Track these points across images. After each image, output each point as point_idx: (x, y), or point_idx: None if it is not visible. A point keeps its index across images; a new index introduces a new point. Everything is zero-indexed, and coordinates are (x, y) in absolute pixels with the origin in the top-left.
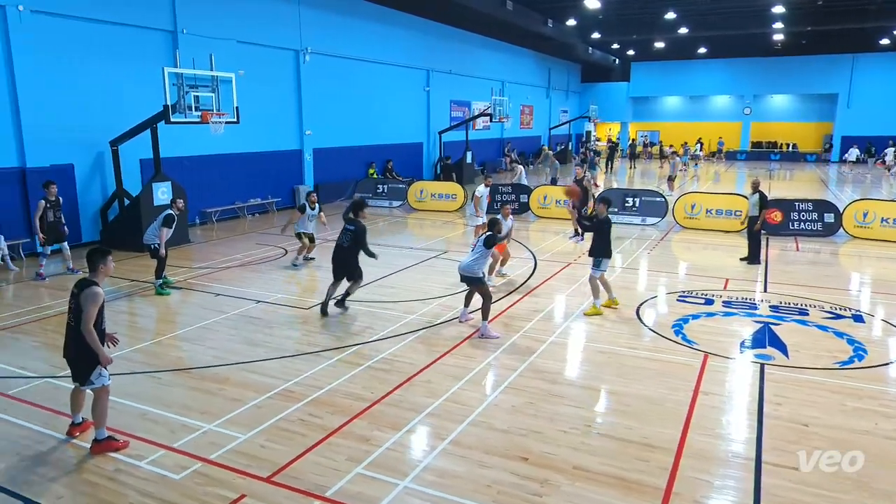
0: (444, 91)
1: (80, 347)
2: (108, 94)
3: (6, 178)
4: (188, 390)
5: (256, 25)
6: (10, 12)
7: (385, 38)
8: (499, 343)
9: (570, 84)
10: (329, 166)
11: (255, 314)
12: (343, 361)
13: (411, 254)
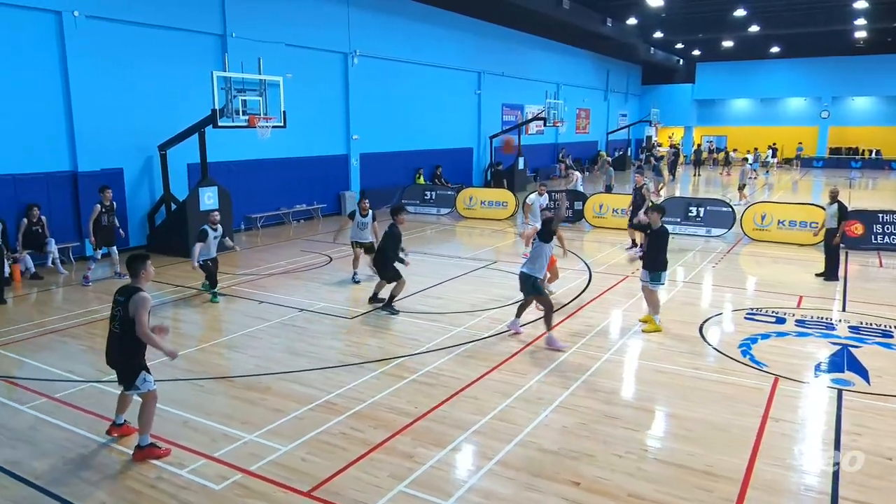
0: (496, 94)
1: (125, 353)
2: (158, 98)
3: (58, 182)
4: (230, 399)
5: (305, 28)
6: (66, 18)
7: (436, 39)
8: (550, 359)
9: (629, 86)
10: (376, 172)
11: (299, 323)
12: (387, 374)
13: (459, 264)
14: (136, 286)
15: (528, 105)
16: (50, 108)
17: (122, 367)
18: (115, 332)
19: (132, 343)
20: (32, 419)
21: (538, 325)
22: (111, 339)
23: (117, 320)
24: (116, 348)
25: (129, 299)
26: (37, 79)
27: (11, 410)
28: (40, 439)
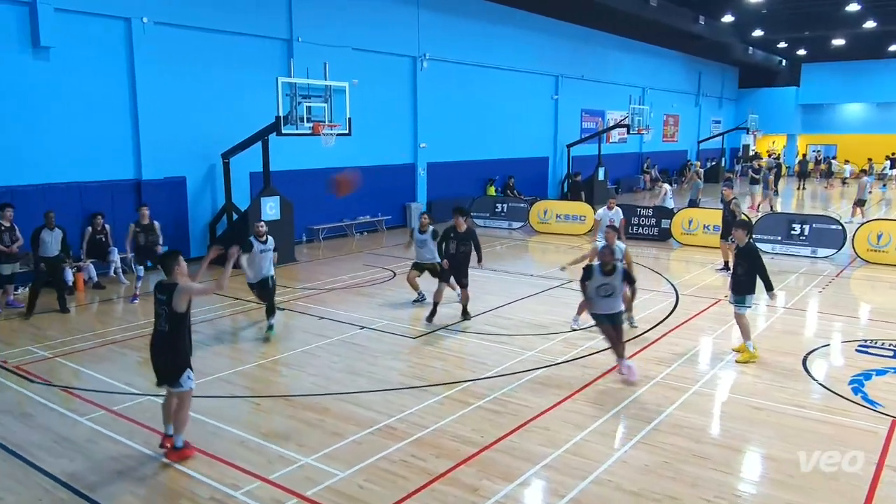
0: (575, 99)
1: (173, 350)
2: (222, 105)
3: (122, 190)
4: (287, 419)
5: (372, 31)
6: (135, 24)
7: (510, 41)
8: (630, 390)
9: (724, 90)
10: (444, 182)
11: (359, 341)
12: (451, 399)
13: (531, 282)
14: (174, 282)
15: (610, 111)
16: (117, 116)
17: (169, 365)
18: (163, 330)
19: (180, 340)
20: (90, 431)
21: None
22: (158, 339)
23: (163, 318)
24: (164, 346)
25: (171, 295)
26: (105, 86)
27: (70, 421)
28: (96, 452)
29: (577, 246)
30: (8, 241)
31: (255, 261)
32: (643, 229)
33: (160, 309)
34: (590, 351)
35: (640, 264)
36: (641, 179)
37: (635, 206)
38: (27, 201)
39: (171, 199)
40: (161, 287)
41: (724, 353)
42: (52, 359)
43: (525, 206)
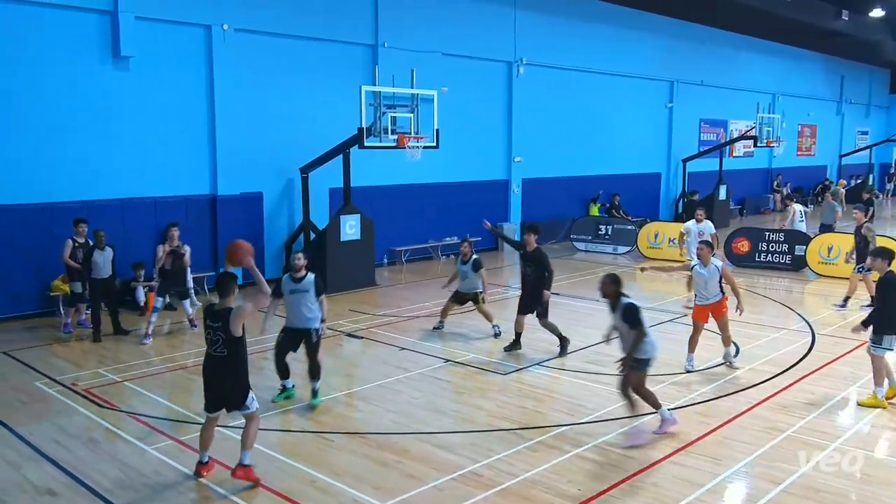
0: (692, 108)
1: (235, 374)
2: (302, 116)
3: (197, 205)
4: (361, 458)
5: (464, 35)
6: (216, 32)
7: (618, 43)
8: (754, 443)
9: (872, 96)
10: (540, 201)
11: (443, 375)
12: (545, 444)
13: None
14: (227, 307)
15: (734, 120)
16: (194, 128)
17: (232, 390)
18: (220, 355)
19: (241, 363)
20: (157, 462)
21: (762, 389)
22: (215, 365)
23: (219, 344)
24: (225, 372)
25: (226, 321)
26: (183, 97)
27: (138, 450)
28: (162, 484)
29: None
30: (81, 257)
31: (290, 306)
32: (773, 257)
33: (215, 336)
34: (707, 396)
35: (768, 297)
36: (771, 199)
37: (763, 230)
38: (101, 216)
39: (246, 216)
40: (213, 314)
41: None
42: (121, 383)
43: (633, 228)
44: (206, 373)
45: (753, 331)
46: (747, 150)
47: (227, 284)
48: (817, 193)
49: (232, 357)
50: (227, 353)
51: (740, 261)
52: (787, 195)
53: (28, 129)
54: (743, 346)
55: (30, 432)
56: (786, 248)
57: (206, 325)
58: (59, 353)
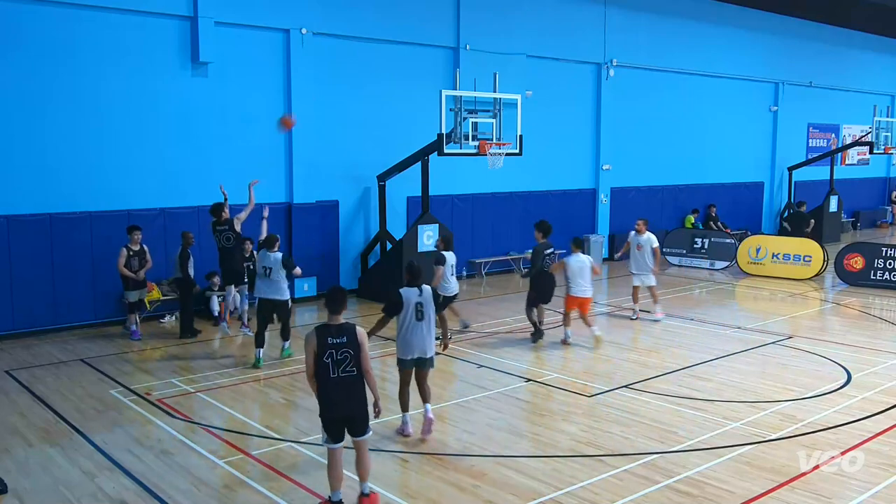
0: (800, 111)
1: (364, 395)
2: (380, 122)
3: (272, 214)
4: (436, 480)
5: (550, 36)
6: (294, 36)
7: (716, 41)
8: (869, 481)
9: None
10: (630, 211)
11: (524, 396)
12: (632, 473)
13: (739, 336)
14: (349, 323)
15: (847, 125)
16: (271, 134)
17: (361, 412)
18: (352, 374)
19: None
20: (228, 476)
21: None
22: (344, 386)
23: (349, 362)
24: (354, 392)
25: (353, 337)
26: (260, 103)
27: (209, 464)
28: (234, 500)
29: (800, 294)
30: (136, 265)
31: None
32: (891, 275)
33: (342, 354)
34: (814, 427)
35: (885, 319)
36: (888, 211)
37: (880, 245)
38: (177, 223)
39: (321, 225)
40: (332, 330)
41: None
42: (194, 394)
43: (732, 241)
44: (330, 396)
45: (869, 356)
46: (862, 157)
47: (343, 299)
48: None
49: (361, 376)
50: (356, 371)
51: (854, 279)
52: None
53: (108, 137)
54: (856, 374)
55: (104, 441)
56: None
57: (327, 343)
58: (134, 361)
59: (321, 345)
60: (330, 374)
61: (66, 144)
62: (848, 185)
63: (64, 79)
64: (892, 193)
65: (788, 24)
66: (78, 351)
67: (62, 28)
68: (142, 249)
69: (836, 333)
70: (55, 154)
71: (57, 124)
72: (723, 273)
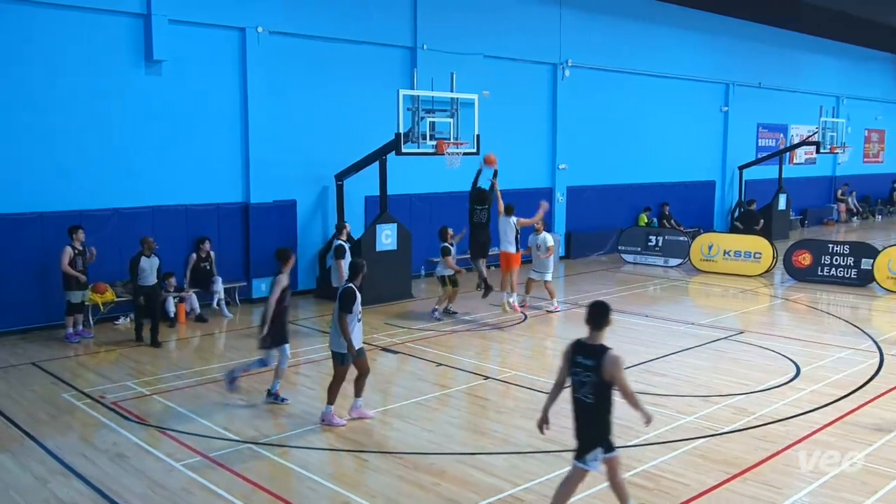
0: (749, 111)
1: (599, 422)
2: (338, 121)
3: (229, 214)
4: (396, 479)
5: (507, 36)
6: (249, 35)
7: (669, 42)
8: (818, 471)
9: None
10: (586, 210)
11: (483, 393)
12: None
13: (692, 332)
14: (601, 344)
15: (795, 125)
16: (227, 134)
17: (591, 433)
18: (586, 400)
19: (606, 412)
20: (186, 479)
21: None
22: (576, 410)
23: (587, 386)
24: (585, 419)
25: (600, 361)
26: (216, 102)
27: (166, 467)
28: (191, 503)
29: (750, 290)
30: (81, 265)
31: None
32: (837, 271)
33: (583, 376)
34: (765, 420)
35: (832, 314)
36: (834, 209)
37: (826, 242)
38: (131, 224)
39: (279, 224)
40: (585, 349)
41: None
42: (149, 396)
43: (685, 239)
44: (573, 417)
45: (817, 350)
46: (809, 156)
47: (604, 316)
48: (888, 202)
49: (599, 405)
50: (593, 399)
51: (802, 275)
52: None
53: (60, 135)
54: (804, 367)
55: (57, 446)
56: (851, 262)
57: (572, 361)
58: (87, 364)
59: (571, 360)
60: (573, 394)
61: (17, 143)
62: (796, 183)
63: (15, 76)
64: (838, 191)
65: (738, 26)
66: (29, 354)
67: (13, 25)
68: (84, 249)
69: (785, 328)
70: (4, 153)
71: (7, 122)
72: (676, 270)
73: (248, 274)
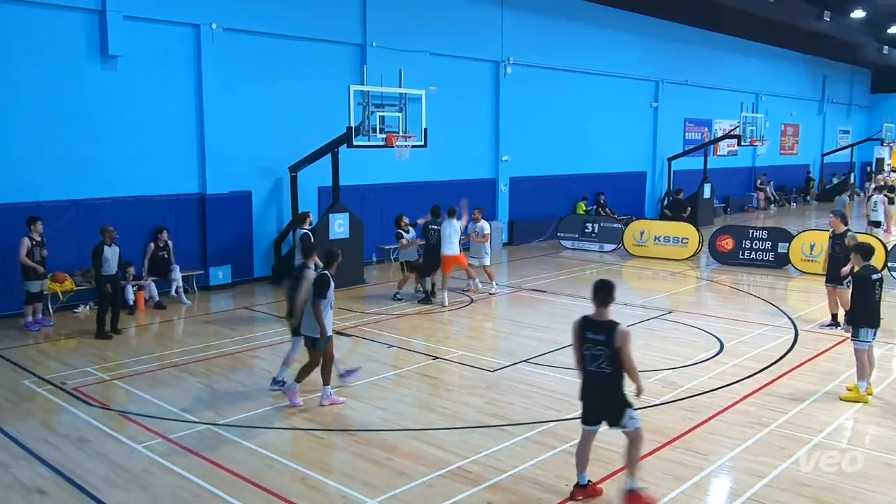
0: (677, 107)
1: (617, 392)
2: (291, 115)
3: (186, 205)
4: (351, 455)
5: (452, 35)
6: (204, 31)
7: (604, 42)
8: (740, 438)
9: (853, 96)
10: (527, 199)
11: (432, 373)
12: (533, 441)
13: (626, 312)
14: (610, 320)
15: (718, 120)
16: (183, 127)
17: (612, 405)
18: (604, 371)
19: (621, 380)
20: (146, 460)
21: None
22: (596, 382)
23: (601, 359)
24: (606, 389)
25: (611, 336)
26: (171, 96)
27: (126, 449)
28: (153, 483)
29: (679, 272)
30: (39, 256)
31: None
32: (757, 254)
33: (596, 350)
34: (692, 392)
35: (752, 294)
36: (754, 197)
37: (747, 228)
38: (90, 215)
39: (235, 214)
40: (594, 325)
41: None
42: (110, 381)
43: (619, 226)
44: (584, 390)
45: (738, 327)
46: (731, 149)
47: (609, 293)
48: (802, 191)
49: (616, 374)
50: (612, 370)
51: (725, 258)
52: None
53: (15, 129)
54: (727, 343)
55: (18, 432)
56: (769, 246)
57: (584, 338)
58: (48, 351)
59: (581, 337)
60: (585, 366)
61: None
62: (719, 174)
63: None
64: (758, 181)
65: (668, 28)
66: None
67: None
68: (42, 240)
69: (710, 307)
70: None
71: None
72: (611, 255)
73: (205, 262)
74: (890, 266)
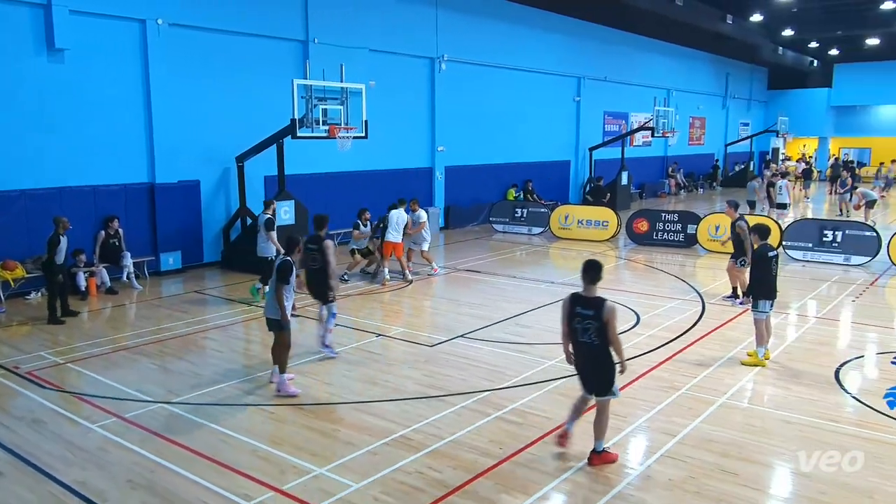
0: (597, 101)
1: (606, 362)
2: (237, 108)
3: (136, 193)
4: (300, 428)
5: (390, 32)
6: (150, 26)
7: (531, 41)
8: (654, 401)
9: (753, 92)
10: (462, 187)
11: (374, 349)
12: (469, 409)
13: (552, 290)
14: (597, 297)
15: (634, 113)
16: (131, 119)
17: (600, 376)
18: (593, 342)
19: (608, 353)
20: (101, 439)
21: (660, 353)
22: (587, 353)
23: (590, 332)
24: (596, 360)
25: (600, 311)
26: (119, 89)
27: (82, 429)
28: (108, 461)
29: (600, 252)
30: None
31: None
32: (668, 235)
33: (585, 324)
34: None
35: (664, 271)
36: (666, 184)
37: (660, 211)
38: (41, 204)
39: (184, 202)
40: (584, 301)
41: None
42: (64, 365)
43: (545, 211)
44: (576, 361)
45: (652, 301)
46: (646, 139)
47: (597, 272)
48: (709, 178)
49: (603, 346)
50: (599, 341)
51: (640, 239)
52: (680, 181)
53: None
54: (643, 316)
55: None
56: (679, 228)
57: (573, 313)
58: (0, 337)
59: (570, 311)
60: (576, 338)
61: None
62: (635, 162)
63: None
64: (669, 168)
65: (589, 29)
66: None
67: None
68: None
69: (627, 284)
70: None
71: None
72: (539, 237)
73: (155, 249)
74: (784, 244)
